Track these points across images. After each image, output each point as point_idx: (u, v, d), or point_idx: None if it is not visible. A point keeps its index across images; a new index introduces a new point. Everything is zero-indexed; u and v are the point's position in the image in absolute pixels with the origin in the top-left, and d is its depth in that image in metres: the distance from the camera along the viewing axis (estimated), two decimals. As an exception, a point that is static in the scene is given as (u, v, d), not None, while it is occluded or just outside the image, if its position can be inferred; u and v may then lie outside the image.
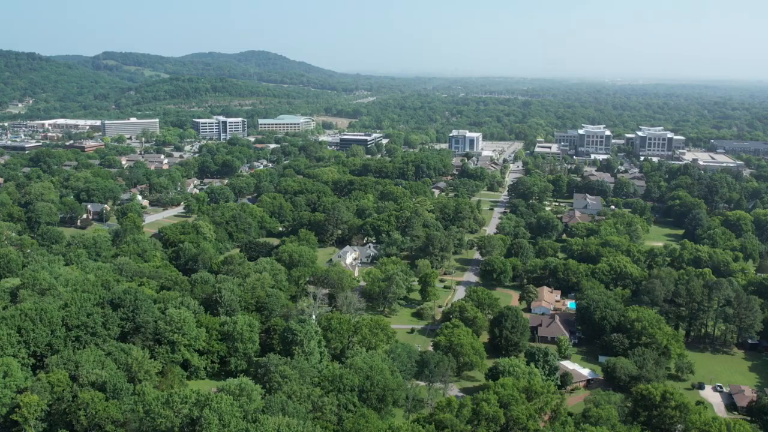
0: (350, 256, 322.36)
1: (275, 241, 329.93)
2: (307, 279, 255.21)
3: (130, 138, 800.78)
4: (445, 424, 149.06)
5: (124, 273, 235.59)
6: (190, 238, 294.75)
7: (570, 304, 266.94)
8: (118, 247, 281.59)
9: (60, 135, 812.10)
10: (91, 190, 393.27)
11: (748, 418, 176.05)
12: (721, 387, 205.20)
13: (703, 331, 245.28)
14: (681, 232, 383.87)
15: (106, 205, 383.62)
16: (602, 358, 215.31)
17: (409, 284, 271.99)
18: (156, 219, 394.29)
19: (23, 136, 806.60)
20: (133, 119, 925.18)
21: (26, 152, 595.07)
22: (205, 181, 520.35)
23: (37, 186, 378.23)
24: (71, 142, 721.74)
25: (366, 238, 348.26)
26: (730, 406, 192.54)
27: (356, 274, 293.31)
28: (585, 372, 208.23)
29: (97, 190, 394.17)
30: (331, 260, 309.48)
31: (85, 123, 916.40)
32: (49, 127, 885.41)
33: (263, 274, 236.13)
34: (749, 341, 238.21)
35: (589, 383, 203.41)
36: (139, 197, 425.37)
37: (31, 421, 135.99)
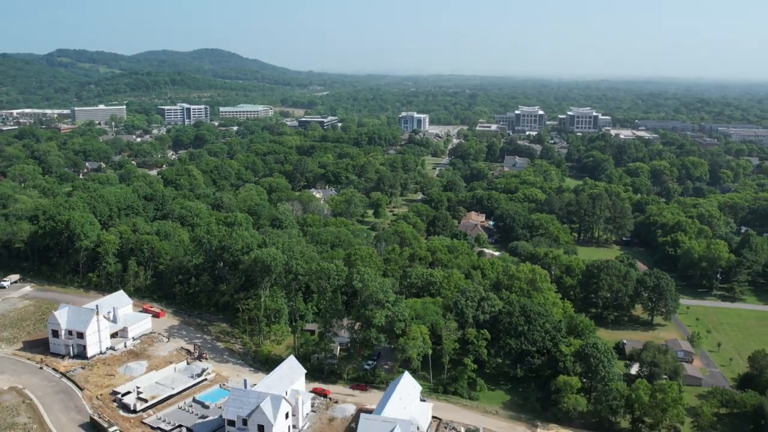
0: (315, 196, 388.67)
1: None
2: (284, 201, 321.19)
3: (99, 123, 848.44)
4: (390, 259, 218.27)
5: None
6: (184, 178, 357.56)
7: (491, 222, 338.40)
8: (128, 181, 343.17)
9: (32, 122, 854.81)
10: (88, 150, 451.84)
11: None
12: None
13: (590, 234, 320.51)
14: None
15: (101, 163, 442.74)
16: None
17: (363, 210, 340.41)
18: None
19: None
20: (101, 106, 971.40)
21: (4, 133, 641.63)
22: (180, 152, 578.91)
23: (43, 145, 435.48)
24: (44, 126, 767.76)
25: (327, 185, 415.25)
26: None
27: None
28: (497, 254, 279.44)
29: (93, 151, 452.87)
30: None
31: (53, 112, 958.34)
32: (18, 116, 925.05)
33: (251, 192, 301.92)
34: (624, 239, 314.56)
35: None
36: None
37: (110, 253, 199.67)
